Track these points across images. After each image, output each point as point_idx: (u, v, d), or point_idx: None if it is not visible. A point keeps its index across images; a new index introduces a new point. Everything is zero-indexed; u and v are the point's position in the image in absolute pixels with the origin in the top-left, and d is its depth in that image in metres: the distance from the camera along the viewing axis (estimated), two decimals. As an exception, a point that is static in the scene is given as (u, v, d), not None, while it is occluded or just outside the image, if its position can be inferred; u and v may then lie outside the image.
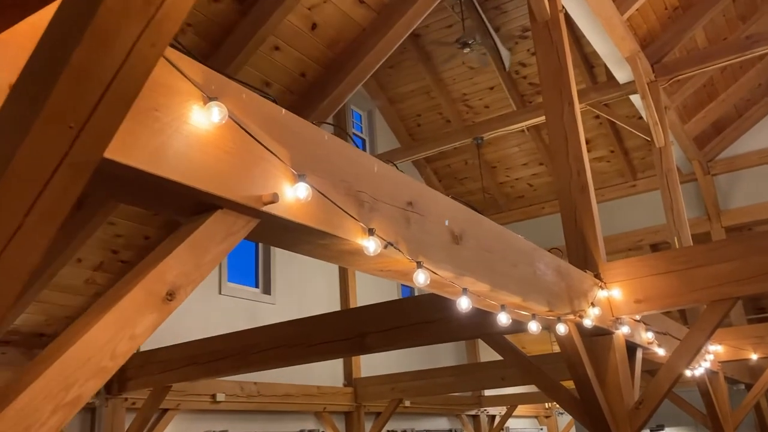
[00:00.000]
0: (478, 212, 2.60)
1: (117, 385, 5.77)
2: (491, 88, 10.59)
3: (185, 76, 1.43)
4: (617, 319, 3.83)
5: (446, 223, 2.37)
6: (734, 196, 10.34)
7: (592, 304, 3.50)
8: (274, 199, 1.58)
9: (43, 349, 1.25)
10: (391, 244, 1.99)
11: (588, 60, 9.86)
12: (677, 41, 7.63)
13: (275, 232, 1.76)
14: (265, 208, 1.60)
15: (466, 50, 8.99)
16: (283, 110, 1.76)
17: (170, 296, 1.35)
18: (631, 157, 10.99)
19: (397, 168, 2.19)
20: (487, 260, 2.57)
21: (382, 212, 2.02)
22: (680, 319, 9.43)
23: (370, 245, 1.90)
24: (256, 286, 8.05)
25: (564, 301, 3.18)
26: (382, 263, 2.12)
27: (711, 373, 6.42)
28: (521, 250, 2.89)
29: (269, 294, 8.01)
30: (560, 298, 3.15)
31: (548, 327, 3.20)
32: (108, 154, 1.23)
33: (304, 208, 1.72)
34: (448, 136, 9.45)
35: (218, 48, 4.24)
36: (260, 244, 8.25)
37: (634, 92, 7.77)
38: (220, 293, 7.32)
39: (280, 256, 8.31)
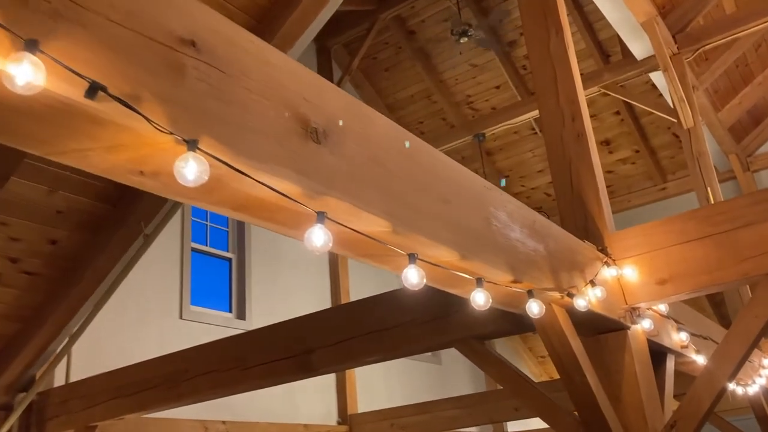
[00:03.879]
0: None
1: (36, 426, 4.77)
2: (497, 87, 9.58)
3: None
4: (633, 309, 2.72)
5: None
6: (780, 194, 9.08)
7: (592, 283, 2.41)
8: None
9: None
10: (100, 86, 0.96)
11: (602, 48, 8.81)
12: (701, 7, 6.55)
13: None
14: None
15: (463, 40, 8.04)
16: None
17: None
18: (659, 157, 9.80)
19: None
20: (385, 181, 1.52)
21: (91, 32, 1.00)
22: (720, 321, 8.13)
23: (24, 72, 0.88)
24: (230, 311, 7.03)
25: (542, 270, 2.09)
26: (108, 137, 1.08)
27: (768, 393, 5.18)
28: (460, 183, 1.82)
29: (243, 319, 6.97)
30: (534, 265, 2.06)
31: (513, 305, 2.10)
32: None
33: None
34: (447, 136, 8.42)
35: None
36: (233, 264, 7.25)
37: (654, 69, 6.70)
38: (181, 318, 6.32)
39: (257, 276, 7.30)
